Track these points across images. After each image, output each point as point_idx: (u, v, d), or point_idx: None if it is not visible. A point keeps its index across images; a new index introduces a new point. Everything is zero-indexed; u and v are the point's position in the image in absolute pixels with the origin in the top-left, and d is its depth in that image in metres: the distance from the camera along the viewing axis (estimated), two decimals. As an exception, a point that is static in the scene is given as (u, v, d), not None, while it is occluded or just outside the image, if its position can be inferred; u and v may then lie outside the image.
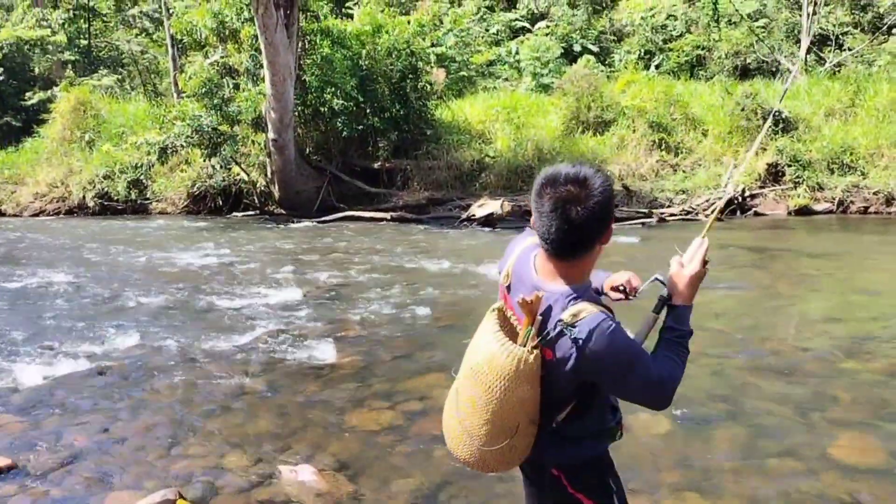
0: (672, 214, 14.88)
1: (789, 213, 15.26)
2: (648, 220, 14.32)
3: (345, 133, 16.84)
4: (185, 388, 5.28)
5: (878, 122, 16.17)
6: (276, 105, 15.37)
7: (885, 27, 22.71)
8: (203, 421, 4.68)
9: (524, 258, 2.04)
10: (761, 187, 15.83)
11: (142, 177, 18.08)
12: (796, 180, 15.62)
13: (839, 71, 20.79)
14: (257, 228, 15.18)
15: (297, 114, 16.61)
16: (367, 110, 17.21)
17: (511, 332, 1.95)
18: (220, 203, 17.46)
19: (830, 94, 17.49)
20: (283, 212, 17.17)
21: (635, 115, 17.50)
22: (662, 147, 17.05)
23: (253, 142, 17.03)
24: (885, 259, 10.64)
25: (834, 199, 15.23)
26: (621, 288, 2.19)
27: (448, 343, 6.47)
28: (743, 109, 16.67)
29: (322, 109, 16.90)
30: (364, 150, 17.89)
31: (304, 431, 4.51)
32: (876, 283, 9.11)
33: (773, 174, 15.95)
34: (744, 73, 23.24)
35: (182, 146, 15.96)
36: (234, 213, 17.35)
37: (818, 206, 15.24)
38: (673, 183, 16.15)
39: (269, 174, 16.94)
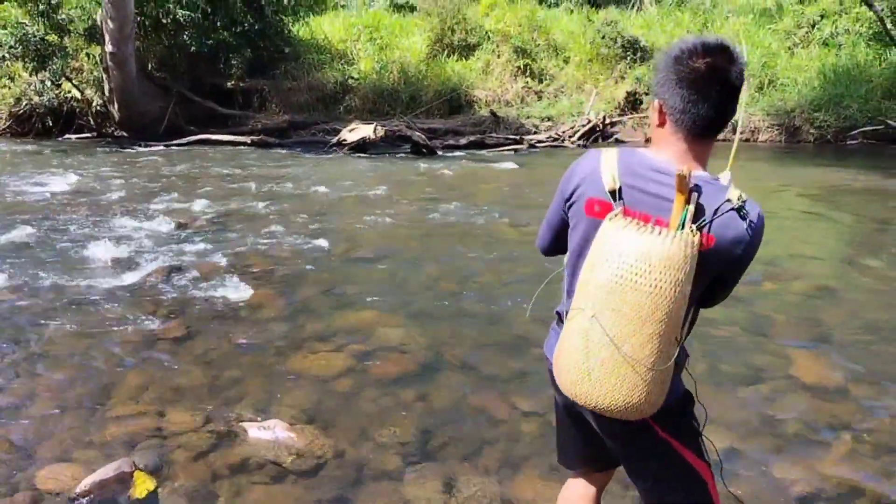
0: (540, 141, 15.00)
1: (647, 141, 15.86)
2: (519, 146, 14.35)
3: (193, 48, 15.39)
4: (83, 336, 4.53)
5: (725, 54, 17.01)
6: (114, 14, 13.66)
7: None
8: (121, 375, 4.02)
9: (628, 157, 1.75)
10: (621, 115, 16.32)
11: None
12: (652, 108, 16.24)
13: (683, 4, 21.64)
14: (101, 153, 13.62)
15: (136, 25, 14.90)
16: (218, 23, 15.80)
17: None
18: (50, 124, 15.48)
19: (681, 25, 18.21)
20: (124, 134, 15.57)
21: (499, 40, 17.32)
22: (527, 73, 17.05)
23: (87, 55, 15.17)
24: (747, 184, 11.33)
25: (686, 127, 15.97)
26: None
27: (365, 276, 6.08)
28: (604, 38, 16.96)
29: (165, 21, 15.29)
30: (215, 67, 16.49)
31: (245, 382, 3.98)
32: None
33: (632, 102, 16.48)
34: (593, 1, 23.62)
35: (4, 58, 13.85)
36: (68, 136, 15.47)
37: (672, 134, 15.96)
38: (538, 110, 16.27)
39: (106, 92, 15.20)
